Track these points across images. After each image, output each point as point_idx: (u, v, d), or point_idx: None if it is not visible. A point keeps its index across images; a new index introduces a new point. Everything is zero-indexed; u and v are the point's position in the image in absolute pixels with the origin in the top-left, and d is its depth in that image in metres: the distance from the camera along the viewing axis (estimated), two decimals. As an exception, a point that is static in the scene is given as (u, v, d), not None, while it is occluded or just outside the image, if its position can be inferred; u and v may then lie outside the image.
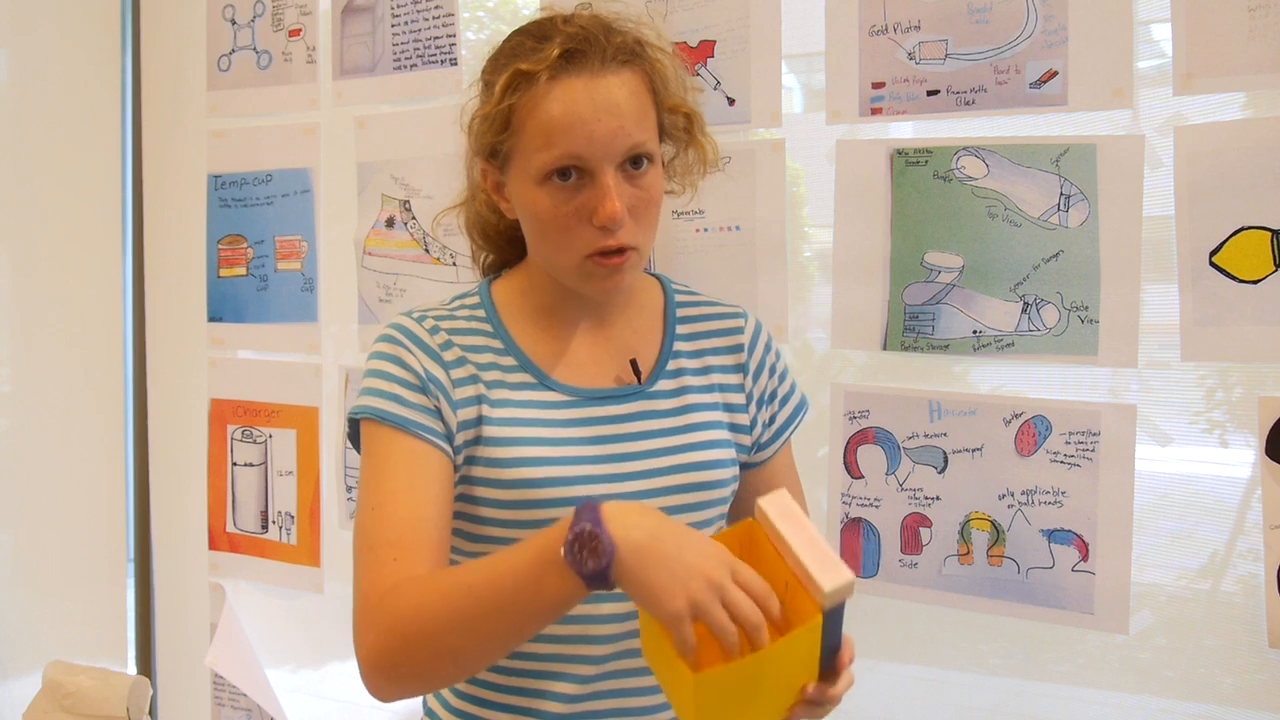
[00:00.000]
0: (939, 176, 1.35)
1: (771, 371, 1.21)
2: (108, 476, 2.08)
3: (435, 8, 1.67)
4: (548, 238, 1.06)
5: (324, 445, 1.82)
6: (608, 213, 1.01)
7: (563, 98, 1.01)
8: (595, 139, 1.01)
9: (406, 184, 1.72)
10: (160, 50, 1.99)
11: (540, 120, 1.01)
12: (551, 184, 1.03)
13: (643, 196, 1.05)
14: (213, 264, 1.92)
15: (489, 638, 0.92)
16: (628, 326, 1.17)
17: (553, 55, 1.01)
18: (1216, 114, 1.23)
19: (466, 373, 1.08)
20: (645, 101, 1.05)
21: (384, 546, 0.98)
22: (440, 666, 0.94)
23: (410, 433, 1.03)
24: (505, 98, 1.03)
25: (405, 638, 0.93)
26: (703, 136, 1.15)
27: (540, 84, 1.01)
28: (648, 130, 1.05)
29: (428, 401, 1.05)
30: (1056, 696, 1.41)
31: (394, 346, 1.08)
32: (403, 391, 1.05)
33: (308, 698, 1.95)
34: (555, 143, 1.01)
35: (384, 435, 1.04)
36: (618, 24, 1.08)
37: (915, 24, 1.36)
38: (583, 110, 1.00)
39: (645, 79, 1.06)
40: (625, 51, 1.04)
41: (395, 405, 1.04)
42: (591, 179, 1.02)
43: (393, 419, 1.03)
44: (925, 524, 1.39)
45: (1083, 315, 1.29)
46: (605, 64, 1.02)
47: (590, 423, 1.10)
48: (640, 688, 1.11)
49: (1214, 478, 1.28)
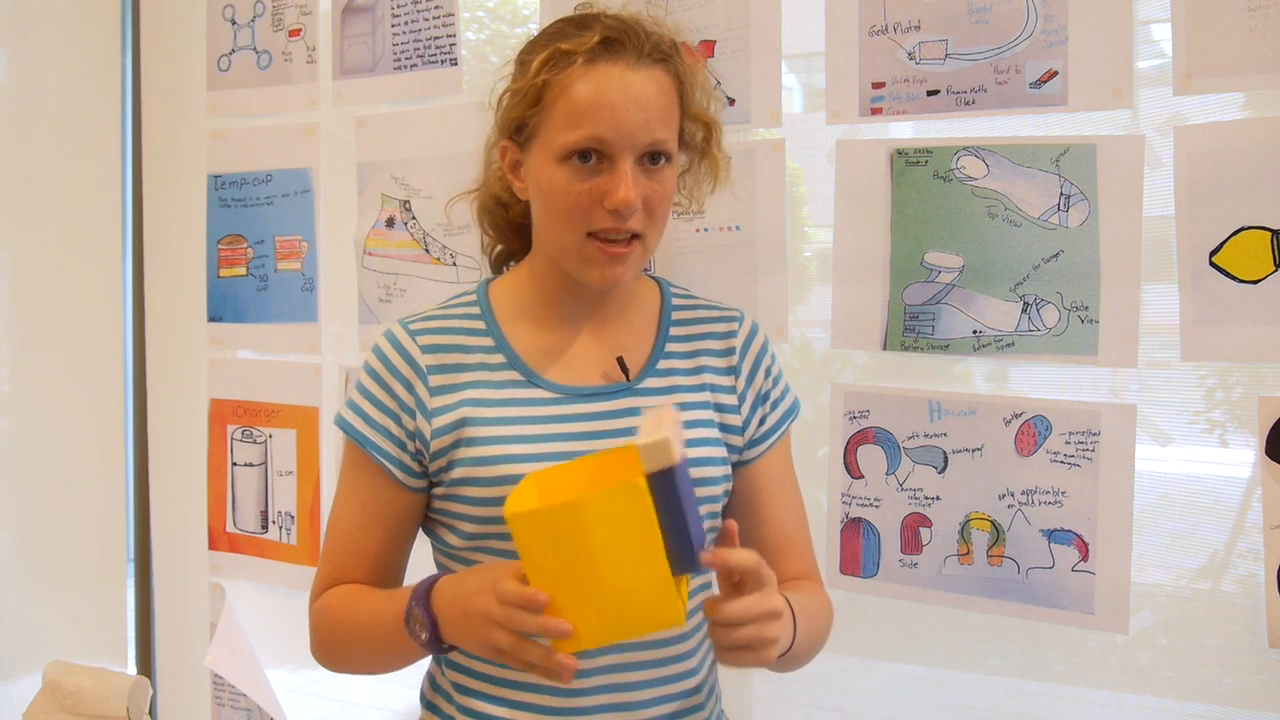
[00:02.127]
0: (939, 176, 1.35)
1: (766, 374, 1.21)
2: (108, 476, 2.08)
3: (435, 8, 1.67)
4: (555, 215, 1.08)
5: (324, 445, 1.82)
6: (621, 197, 1.04)
7: (597, 81, 1.04)
8: (622, 126, 1.04)
9: (406, 184, 1.72)
10: (160, 50, 1.99)
11: (571, 99, 1.05)
12: (571, 163, 1.05)
13: (657, 191, 1.07)
14: (213, 264, 1.92)
15: (373, 662, 1.15)
16: (624, 326, 1.18)
17: (593, 40, 1.05)
18: (1216, 114, 1.23)
19: (448, 380, 1.12)
20: (672, 102, 1.09)
21: (329, 552, 1.17)
22: (346, 668, 1.18)
23: (368, 452, 1.13)
24: (541, 73, 1.07)
25: (321, 643, 1.16)
26: (718, 150, 1.19)
27: (577, 65, 1.05)
28: (670, 130, 1.08)
29: (396, 428, 1.13)
30: (1056, 696, 1.41)
31: (378, 363, 1.15)
32: (373, 411, 1.13)
33: (308, 698, 1.95)
34: (583, 123, 1.04)
35: (350, 448, 1.16)
36: (656, 26, 1.11)
37: (915, 24, 1.36)
38: (614, 96, 1.04)
39: (676, 82, 1.10)
40: (661, 50, 1.08)
41: (362, 423, 1.14)
42: (611, 164, 1.05)
43: (356, 436, 1.14)
44: (925, 524, 1.39)
45: (1083, 315, 1.29)
46: (641, 58, 1.06)
47: (576, 419, 1.11)
48: (635, 681, 1.11)
49: (1214, 478, 1.28)
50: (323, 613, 1.15)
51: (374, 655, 1.13)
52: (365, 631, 1.11)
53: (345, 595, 1.14)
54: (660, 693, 1.12)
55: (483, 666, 1.12)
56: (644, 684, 1.11)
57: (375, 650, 1.12)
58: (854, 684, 1.53)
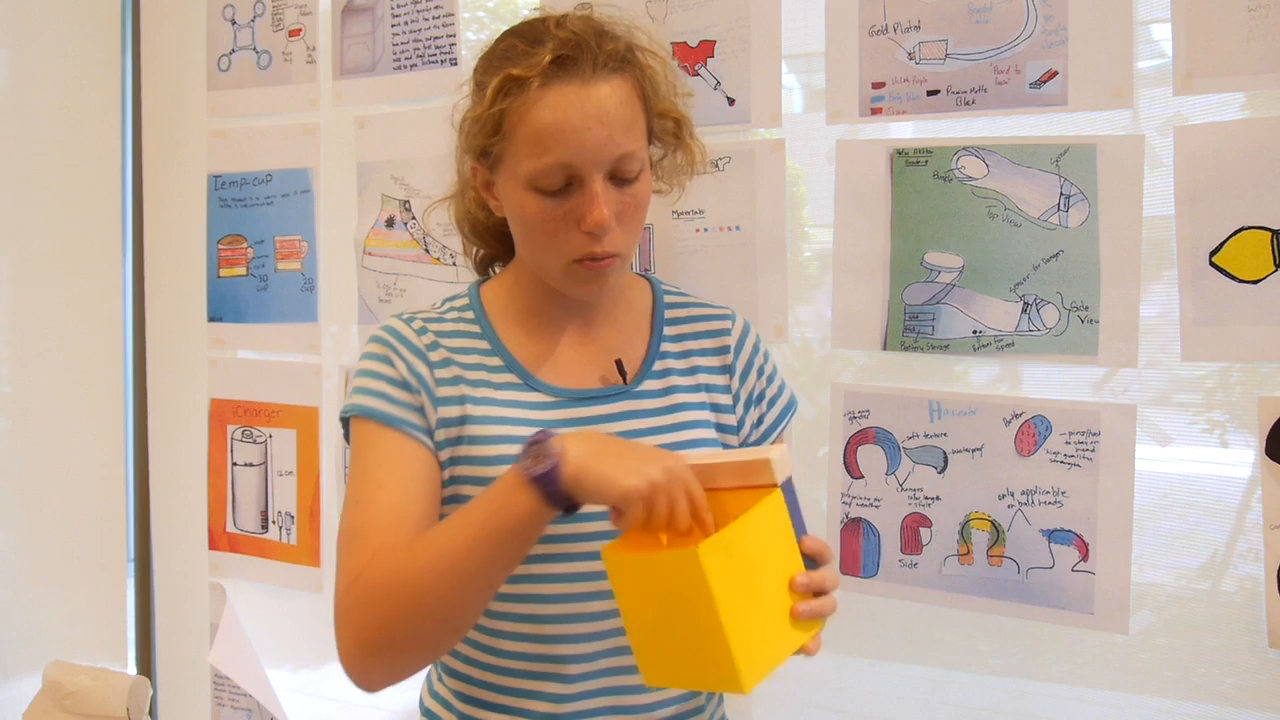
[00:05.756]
0: (939, 176, 1.35)
1: (760, 373, 1.21)
2: (108, 476, 2.08)
3: (435, 8, 1.67)
4: (535, 241, 1.07)
5: (324, 445, 1.82)
6: (595, 220, 1.03)
7: (554, 105, 1.02)
8: (585, 147, 1.02)
9: (406, 184, 1.72)
10: (160, 50, 1.99)
11: (531, 127, 1.02)
12: (540, 190, 1.04)
13: (629, 203, 1.06)
14: (213, 264, 1.92)
15: (469, 577, 0.94)
16: (615, 328, 1.17)
17: (544, 61, 1.02)
18: (1216, 114, 1.23)
19: (451, 373, 1.10)
20: (635, 109, 1.06)
21: (367, 531, 1.01)
22: (425, 625, 0.95)
23: (395, 428, 1.06)
24: (496, 102, 1.04)
25: (388, 602, 0.95)
26: (691, 140, 1.17)
27: (531, 90, 1.02)
28: (636, 138, 1.06)
29: (413, 399, 1.08)
30: (1056, 696, 1.41)
31: (382, 347, 1.11)
32: (389, 389, 1.08)
33: (308, 698, 1.95)
34: (546, 150, 1.02)
35: (370, 431, 1.07)
36: (610, 28, 1.08)
37: (915, 24, 1.36)
38: (573, 118, 1.01)
39: (636, 85, 1.07)
40: (616, 59, 1.05)
41: (381, 402, 1.07)
42: (580, 185, 1.03)
43: (379, 415, 1.06)
44: (925, 524, 1.39)
45: (1083, 315, 1.29)
46: (596, 71, 1.03)
47: (575, 423, 1.11)
48: (631, 686, 1.11)
49: (1214, 478, 1.28)
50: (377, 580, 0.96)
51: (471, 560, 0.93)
52: (454, 530, 0.95)
53: (405, 545, 0.98)
54: (660, 696, 1.12)
55: (482, 674, 1.12)
56: (640, 689, 1.11)
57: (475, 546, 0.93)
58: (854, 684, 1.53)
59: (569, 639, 1.08)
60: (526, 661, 1.09)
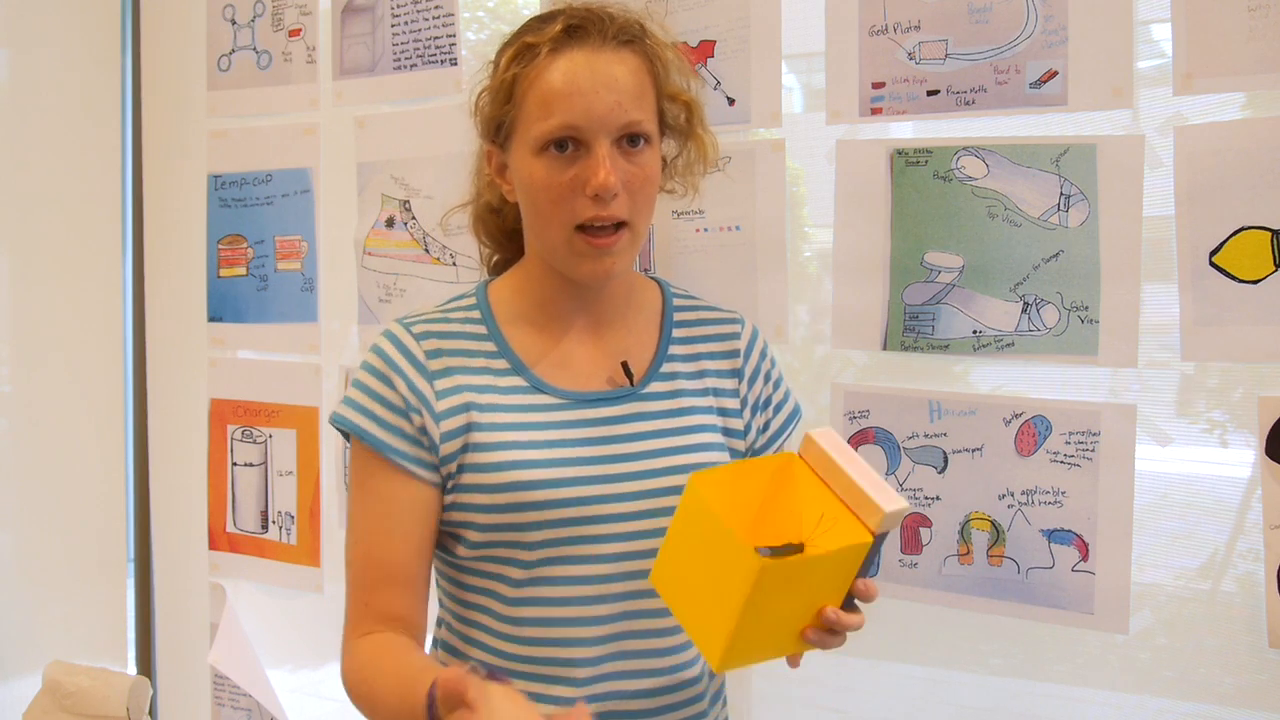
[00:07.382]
0: (939, 176, 1.35)
1: (766, 378, 1.21)
2: (108, 476, 2.08)
3: (435, 8, 1.67)
4: (541, 210, 1.07)
5: (324, 445, 1.82)
6: (600, 181, 1.03)
7: (563, 69, 1.04)
8: (593, 110, 1.03)
9: (406, 184, 1.72)
10: (160, 50, 1.99)
11: (540, 90, 1.05)
12: (549, 154, 1.05)
13: (638, 174, 1.06)
14: (213, 264, 1.92)
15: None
16: (624, 329, 1.17)
17: (556, 29, 1.05)
18: (1216, 114, 1.23)
19: (453, 383, 1.10)
20: (645, 82, 1.08)
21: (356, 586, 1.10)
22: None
23: (387, 458, 1.08)
24: (510, 68, 1.07)
25: (347, 689, 1.09)
26: (702, 130, 1.17)
27: (542, 55, 1.05)
28: (645, 110, 1.07)
29: (410, 425, 1.09)
30: (1056, 696, 1.41)
31: (382, 363, 1.11)
32: (387, 414, 1.09)
33: (308, 698, 1.95)
34: (554, 112, 1.04)
35: (366, 458, 1.10)
36: (623, 11, 1.11)
37: (915, 24, 1.36)
38: (581, 82, 1.03)
39: (646, 62, 1.09)
40: (627, 33, 1.08)
41: (375, 426, 1.09)
42: (588, 150, 1.04)
43: (372, 441, 1.09)
44: (925, 524, 1.39)
45: (1083, 315, 1.29)
46: (606, 41, 1.06)
47: (583, 425, 1.10)
48: (636, 690, 1.11)
49: (1214, 478, 1.28)
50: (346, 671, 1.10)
51: None
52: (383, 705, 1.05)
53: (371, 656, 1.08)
54: (661, 702, 1.12)
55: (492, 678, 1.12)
56: (644, 693, 1.11)
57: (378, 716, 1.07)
58: (854, 684, 1.53)
59: (578, 642, 1.08)
60: (536, 665, 1.09)
